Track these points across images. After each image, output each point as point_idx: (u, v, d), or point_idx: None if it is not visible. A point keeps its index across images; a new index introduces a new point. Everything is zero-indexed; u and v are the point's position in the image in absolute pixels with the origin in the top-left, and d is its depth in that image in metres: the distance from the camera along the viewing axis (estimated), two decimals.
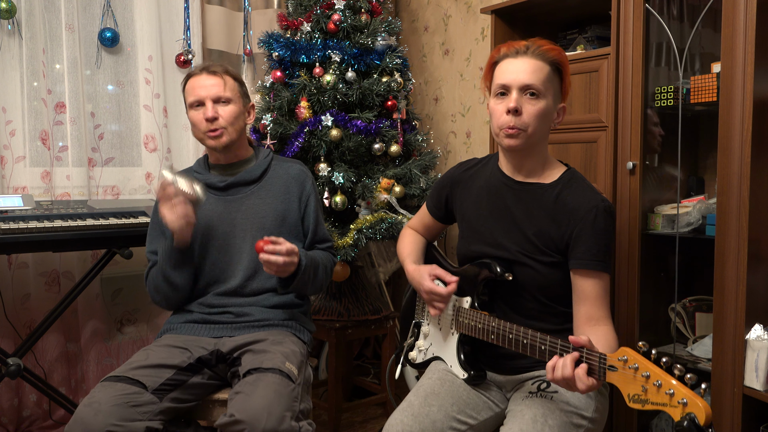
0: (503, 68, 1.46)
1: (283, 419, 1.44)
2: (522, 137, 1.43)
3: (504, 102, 1.44)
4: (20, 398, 2.52)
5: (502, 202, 1.54)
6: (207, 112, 1.75)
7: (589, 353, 1.20)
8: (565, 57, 1.48)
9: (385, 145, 2.49)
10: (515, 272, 1.48)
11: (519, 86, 1.42)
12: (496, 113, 1.45)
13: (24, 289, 2.51)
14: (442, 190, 1.70)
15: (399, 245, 1.81)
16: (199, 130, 1.80)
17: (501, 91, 1.45)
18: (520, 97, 1.42)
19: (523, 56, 1.44)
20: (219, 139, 1.77)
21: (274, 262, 1.62)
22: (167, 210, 1.63)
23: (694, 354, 1.86)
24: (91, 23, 2.63)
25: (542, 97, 1.42)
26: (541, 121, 1.43)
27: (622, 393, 1.14)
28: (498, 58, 1.49)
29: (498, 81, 1.46)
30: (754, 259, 1.63)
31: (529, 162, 1.50)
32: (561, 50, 1.47)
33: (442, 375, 1.57)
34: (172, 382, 1.59)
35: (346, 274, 2.51)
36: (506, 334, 1.40)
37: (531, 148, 1.47)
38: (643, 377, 1.10)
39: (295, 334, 1.79)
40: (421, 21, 3.34)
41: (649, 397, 1.09)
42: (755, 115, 1.59)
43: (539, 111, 1.42)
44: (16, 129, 2.48)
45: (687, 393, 1.04)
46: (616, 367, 1.15)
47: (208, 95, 1.77)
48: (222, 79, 1.79)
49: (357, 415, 2.80)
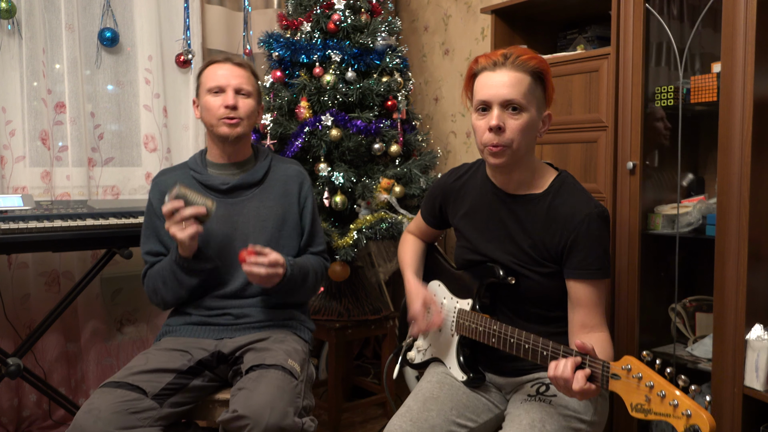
0: (482, 82, 1.40)
1: (287, 415, 1.44)
2: (507, 154, 1.38)
3: (485, 119, 1.39)
4: (20, 398, 2.51)
5: (495, 215, 1.51)
6: (228, 100, 1.74)
7: (593, 360, 1.19)
8: (546, 64, 1.42)
9: (385, 145, 2.48)
10: (514, 285, 1.47)
11: (500, 102, 1.36)
12: (479, 130, 1.40)
13: (24, 289, 2.51)
14: (435, 199, 1.68)
15: (400, 251, 1.80)
16: (213, 116, 1.76)
17: (482, 107, 1.40)
18: (502, 113, 1.36)
19: (502, 68, 1.37)
20: (234, 128, 1.75)
21: (257, 273, 1.61)
22: (178, 230, 1.60)
23: (694, 354, 1.85)
24: (90, 23, 2.63)
25: (525, 110, 1.37)
26: (526, 134, 1.38)
27: (624, 401, 1.13)
28: (476, 70, 1.43)
29: (478, 96, 1.40)
30: (754, 259, 1.63)
31: (517, 174, 1.46)
32: (540, 58, 1.41)
33: (441, 378, 1.56)
34: (172, 386, 1.58)
35: (346, 274, 2.51)
36: (508, 338, 1.38)
37: (518, 162, 1.42)
38: (647, 387, 1.09)
39: (296, 332, 1.79)
40: (421, 21, 3.34)
41: (652, 407, 1.08)
42: (755, 115, 1.59)
43: (522, 126, 1.37)
44: (16, 129, 2.48)
45: (691, 404, 1.03)
46: (619, 375, 1.14)
47: (230, 84, 1.76)
48: (246, 72, 1.80)
49: (357, 415, 2.80)
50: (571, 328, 1.43)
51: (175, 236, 1.61)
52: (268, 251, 1.63)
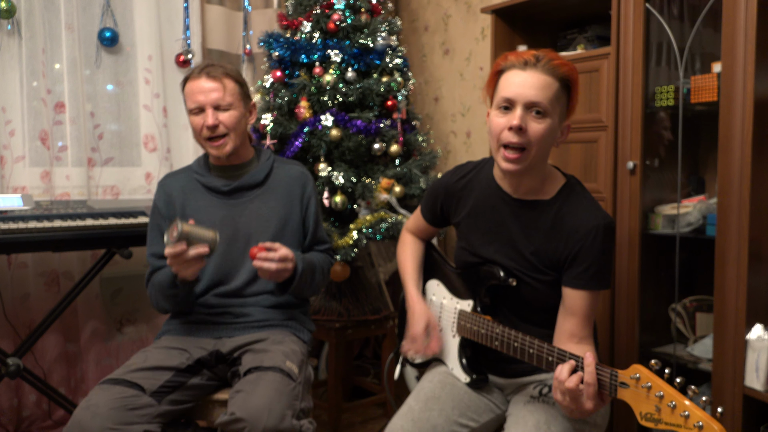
0: (509, 79, 1.34)
1: (284, 417, 1.44)
2: (522, 162, 1.34)
3: (507, 117, 1.33)
4: (20, 398, 2.51)
5: (498, 218, 1.48)
6: (207, 120, 1.71)
7: (601, 369, 1.18)
8: (576, 73, 1.37)
9: (385, 145, 2.48)
10: (515, 289, 1.46)
11: (525, 102, 1.31)
12: (497, 127, 1.34)
13: (24, 289, 2.51)
14: (436, 198, 1.64)
15: (399, 254, 1.77)
16: (198, 136, 1.77)
17: (505, 105, 1.34)
18: (525, 115, 1.32)
19: (532, 69, 1.32)
20: (222, 148, 1.74)
21: (267, 268, 1.61)
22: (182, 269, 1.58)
23: (694, 354, 1.85)
24: (90, 23, 2.63)
25: (548, 116, 1.32)
26: (545, 141, 1.34)
27: (633, 410, 1.12)
28: (504, 67, 1.37)
29: (502, 93, 1.34)
30: (754, 259, 1.63)
31: (527, 180, 1.41)
32: (573, 66, 1.36)
33: (443, 378, 1.55)
34: (170, 384, 1.58)
35: (346, 274, 2.51)
36: (511, 342, 1.37)
37: (531, 169, 1.38)
38: (657, 397, 1.08)
39: (295, 333, 1.79)
40: (421, 21, 3.34)
41: (662, 417, 1.07)
42: (755, 115, 1.59)
43: (544, 131, 1.32)
44: (15, 129, 2.48)
45: (703, 416, 1.03)
46: (628, 384, 1.13)
47: (207, 101, 1.72)
48: (221, 84, 1.73)
49: (357, 415, 2.80)
50: (558, 335, 1.40)
51: (178, 273, 1.60)
52: (278, 246, 1.63)
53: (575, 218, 1.38)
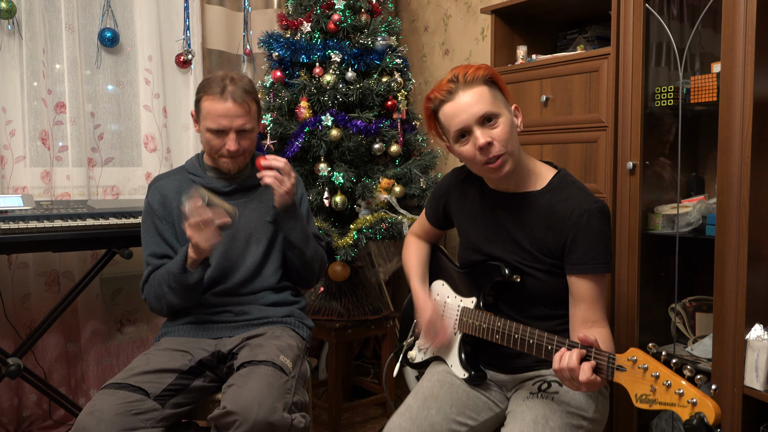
0: (449, 113, 1.41)
1: (275, 410, 1.44)
2: (507, 163, 1.40)
3: (471, 142, 1.40)
4: (20, 398, 2.52)
5: (495, 215, 1.52)
6: (230, 146, 1.71)
7: (598, 352, 1.20)
8: (490, 68, 1.44)
9: (385, 145, 2.49)
10: (519, 283, 1.48)
11: (476, 121, 1.38)
12: (469, 155, 1.41)
13: (24, 289, 2.51)
14: (439, 200, 1.69)
15: (404, 257, 1.80)
16: (213, 152, 1.76)
17: (461, 134, 1.41)
18: (483, 129, 1.38)
19: (458, 92, 1.40)
20: (236, 164, 1.78)
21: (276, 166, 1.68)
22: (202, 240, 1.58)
23: (694, 354, 1.86)
24: (91, 23, 2.63)
25: (499, 116, 1.39)
26: (512, 136, 1.40)
27: (629, 393, 1.14)
28: (436, 106, 1.45)
29: (454, 128, 1.41)
30: (754, 259, 1.63)
31: (514, 176, 1.46)
32: (483, 65, 1.43)
33: (442, 377, 1.56)
34: (174, 387, 1.58)
35: (346, 274, 2.51)
36: (512, 334, 1.39)
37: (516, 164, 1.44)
38: (653, 377, 1.10)
39: (294, 329, 1.80)
40: (421, 21, 3.34)
41: (657, 397, 1.09)
42: (755, 115, 1.59)
43: (506, 130, 1.39)
44: (16, 129, 2.48)
45: (697, 393, 1.04)
46: (624, 367, 1.15)
47: (232, 126, 1.70)
48: (247, 108, 1.72)
49: (357, 415, 2.80)
50: (572, 324, 1.43)
51: (198, 244, 1.59)
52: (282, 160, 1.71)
53: (567, 204, 1.41)
